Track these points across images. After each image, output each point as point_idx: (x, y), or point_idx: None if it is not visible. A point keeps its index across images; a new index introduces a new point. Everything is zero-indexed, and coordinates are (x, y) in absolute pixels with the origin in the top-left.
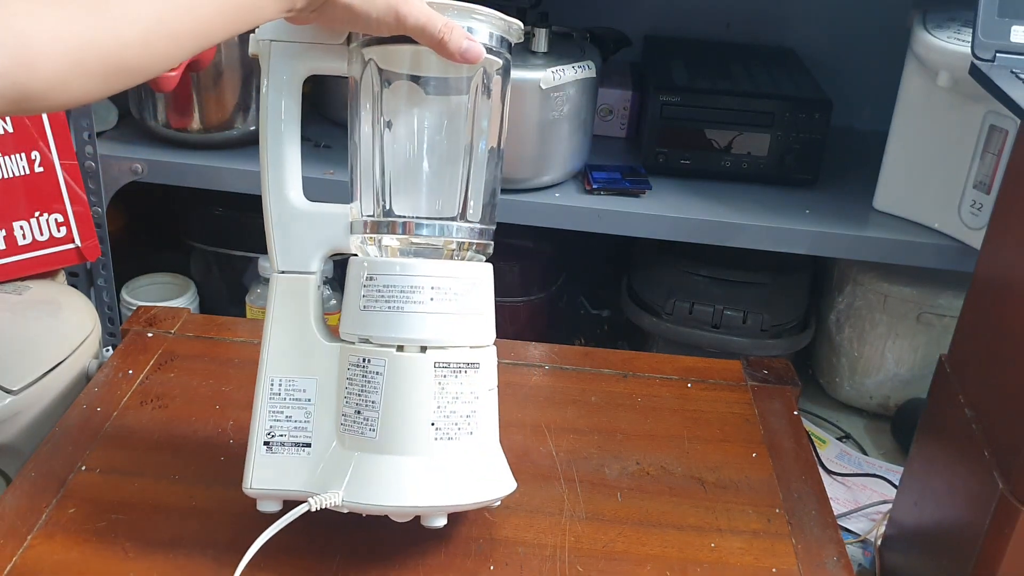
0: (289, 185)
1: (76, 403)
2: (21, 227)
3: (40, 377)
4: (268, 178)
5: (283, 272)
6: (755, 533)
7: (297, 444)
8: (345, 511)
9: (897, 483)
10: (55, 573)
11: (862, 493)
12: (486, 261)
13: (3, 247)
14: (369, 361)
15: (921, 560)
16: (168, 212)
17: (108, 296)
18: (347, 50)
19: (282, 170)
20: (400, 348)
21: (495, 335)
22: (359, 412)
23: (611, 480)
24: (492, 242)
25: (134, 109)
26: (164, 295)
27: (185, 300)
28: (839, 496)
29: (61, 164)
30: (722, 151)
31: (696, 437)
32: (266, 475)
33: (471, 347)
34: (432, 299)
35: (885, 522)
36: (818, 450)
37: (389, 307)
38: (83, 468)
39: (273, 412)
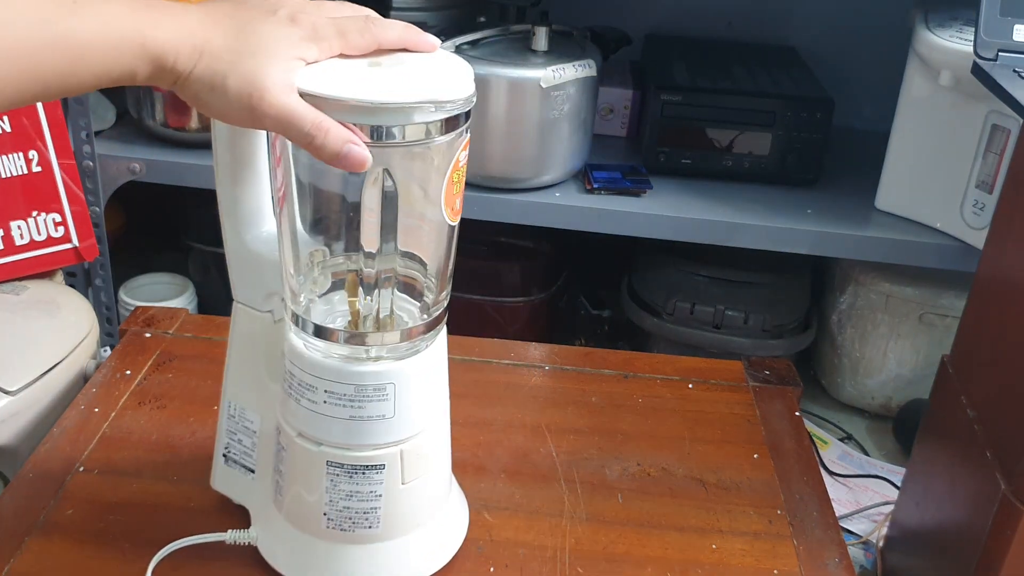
0: (243, 223)
1: (74, 403)
2: (19, 227)
3: (38, 377)
4: (223, 212)
5: (239, 303)
6: (756, 534)
7: (245, 467)
8: None
9: (899, 484)
10: (53, 574)
11: (864, 494)
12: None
13: (1, 247)
14: (280, 433)
15: (923, 561)
16: (166, 212)
17: (106, 296)
18: None
19: (236, 207)
20: (300, 434)
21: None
22: (276, 471)
23: (612, 481)
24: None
25: (132, 108)
26: (162, 295)
27: (183, 300)
28: (841, 497)
29: (59, 163)
30: (723, 150)
31: (697, 438)
32: (224, 481)
33: (375, 448)
34: (325, 402)
35: (887, 523)
36: (820, 451)
37: (290, 393)
38: (81, 469)
39: (229, 431)
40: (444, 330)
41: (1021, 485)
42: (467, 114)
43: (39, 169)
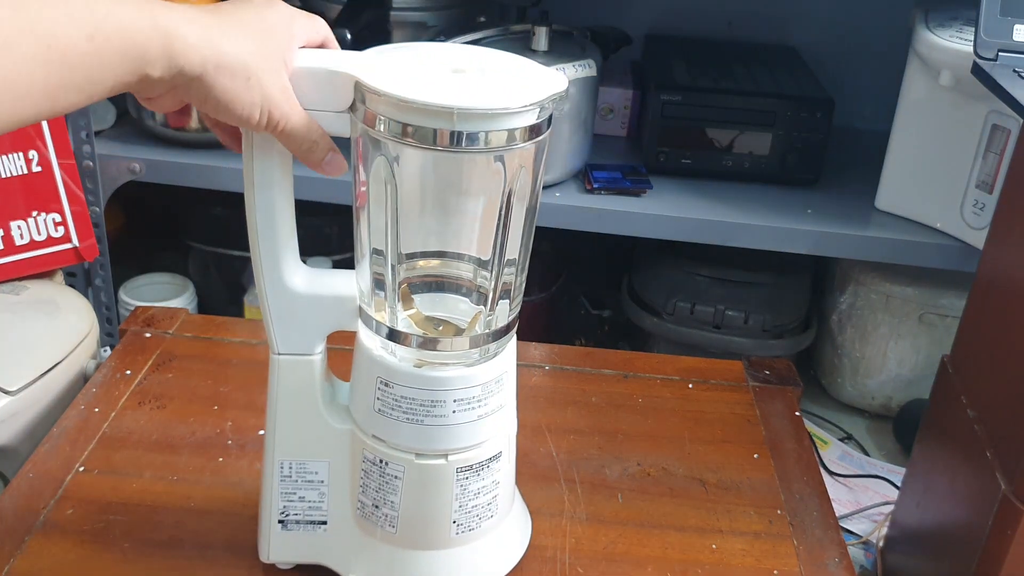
0: (285, 267)
1: (74, 403)
2: (19, 227)
3: (38, 378)
4: (260, 259)
5: (282, 355)
6: (756, 534)
7: (312, 522)
8: None
9: (899, 484)
10: (53, 574)
11: (864, 494)
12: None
13: (1, 247)
14: (386, 464)
15: (923, 561)
16: (166, 212)
17: (106, 296)
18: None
19: (275, 249)
20: (419, 455)
21: (514, 402)
22: (377, 507)
23: (612, 481)
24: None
25: (132, 108)
26: (162, 295)
27: (183, 300)
28: (841, 497)
29: (59, 163)
30: (723, 150)
31: (697, 438)
32: (283, 549)
33: (492, 442)
34: (455, 411)
35: (887, 523)
36: (820, 451)
37: (408, 418)
38: (81, 469)
39: (286, 493)
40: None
41: (1021, 485)
42: (549, 119)
43: (39, 169)
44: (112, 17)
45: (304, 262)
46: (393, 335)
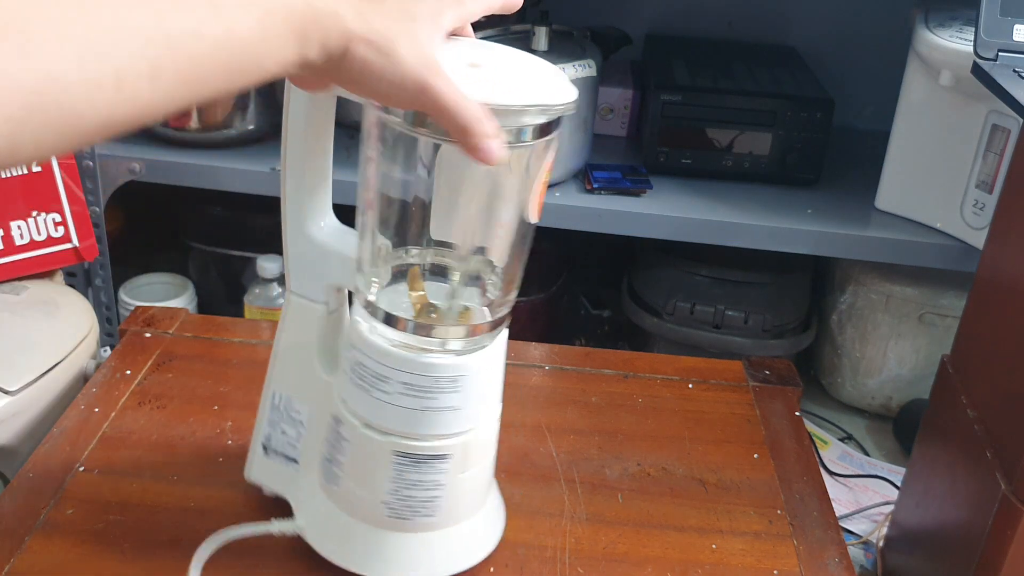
0: (309, 210)
1: (74, 404)
2: (19, 227)
3: (38, 378)
4: (286, 199)
5: (293, 293)
6: (756, 534)
7: (287, 457)
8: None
9: (899, 484)
10: (53, 574)
11: (864, 494)
12: (503, 329)
13: (1, 247)
14: (341, 423)
15: (923, 561)
16: (166, 212)
17: (106, 296)
18: None
19: (300, 194)
20: (365, 424)
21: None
22: (330, 461)
23: (612, 481)
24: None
25: None
26: (162, 295)
27: (183, 300)
28: (841, 497)
29: (59, 163)
30: (723, 150)
31: (697, 438)
32: (261, 472)
33: (442, 439)
34: (401, 393)
35: (887, 523)
36: (820, 451)
37: (360, 384)
38: (81, 469)
39: (272, 422)
40: (506, 327)
41: (1021, 485)
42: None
43: (39, 169)
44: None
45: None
46: (369, 305)
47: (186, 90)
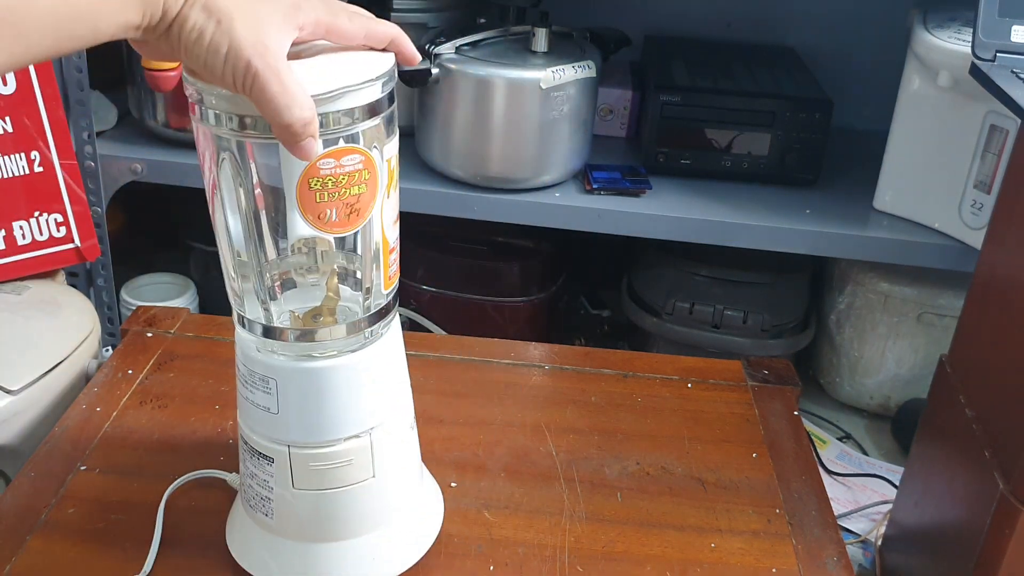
0: None
1: (76, 403)
2: (21, 227)
3: (40, 377)
4: None
5: None
6: (755, 533)
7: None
8: None
9: (897, 483)
10: (54, 573)
11: (862, 493)
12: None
13: (3, 247)
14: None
15: (921, 560)
16: (167, 212)
17: (108, 296)
18: None
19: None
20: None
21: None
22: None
23: (611, 480)
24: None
25: (134, 109)
26: (164, 295)
27: (185, 300)
28: (839, 496)
29: (61, 164)
30: (722, 151)
31: (696, 437)
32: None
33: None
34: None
35: (885, 522)
36: (818, 450)
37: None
38: (82, 468)
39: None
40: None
41: (1019, 484)
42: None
43: (41, 169)
44: None
45: None
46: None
47: (15, 49)
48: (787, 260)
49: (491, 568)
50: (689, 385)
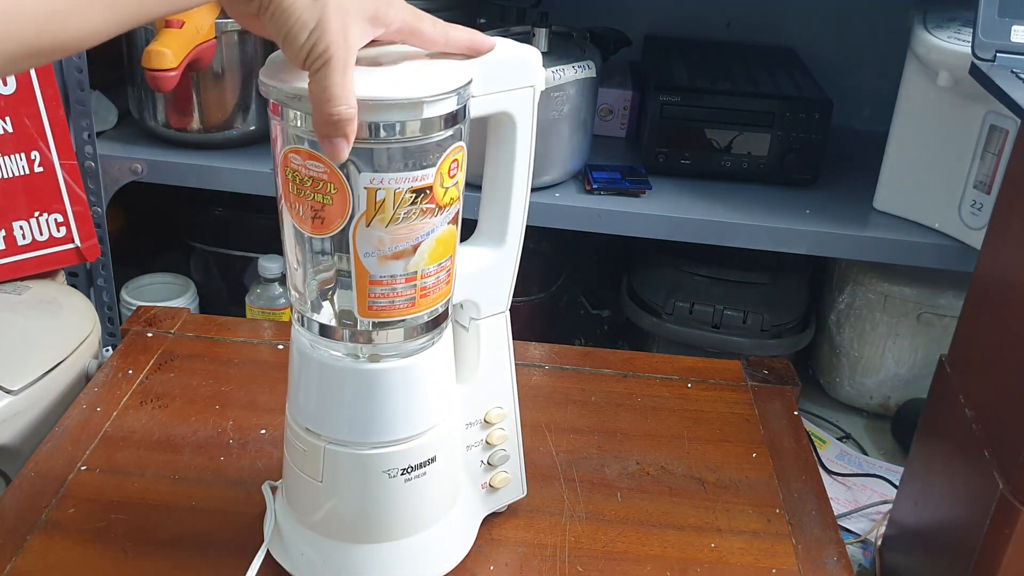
0: None
1: (76, 403)
2: (21, 227)
3: (40, 377)
4: None
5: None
6: (755, 533)
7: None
8: None
9: (897, 483)
10: (54, 573)
11: (862, 493)
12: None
13: (3, 247)
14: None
15: (921, 560)
16: (168, 212)
17: (108, 296)
18: None
19: None
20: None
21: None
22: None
23: (611, 480)
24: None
25: (134, 109)
26: (164, 295)
27: (185, 300)
28: (839, 496)
29: (61, 164)
30: (722, 151)
31: (696, 437)
32: None
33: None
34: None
35: (885, 522)
36: (818, 450)
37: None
38: (83, 468)
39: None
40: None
41: (1019, 484)
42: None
43: (41, 169)
44: None
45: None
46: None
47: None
48: (787, 260)
49: (491, 568)
50: (689, 385)
